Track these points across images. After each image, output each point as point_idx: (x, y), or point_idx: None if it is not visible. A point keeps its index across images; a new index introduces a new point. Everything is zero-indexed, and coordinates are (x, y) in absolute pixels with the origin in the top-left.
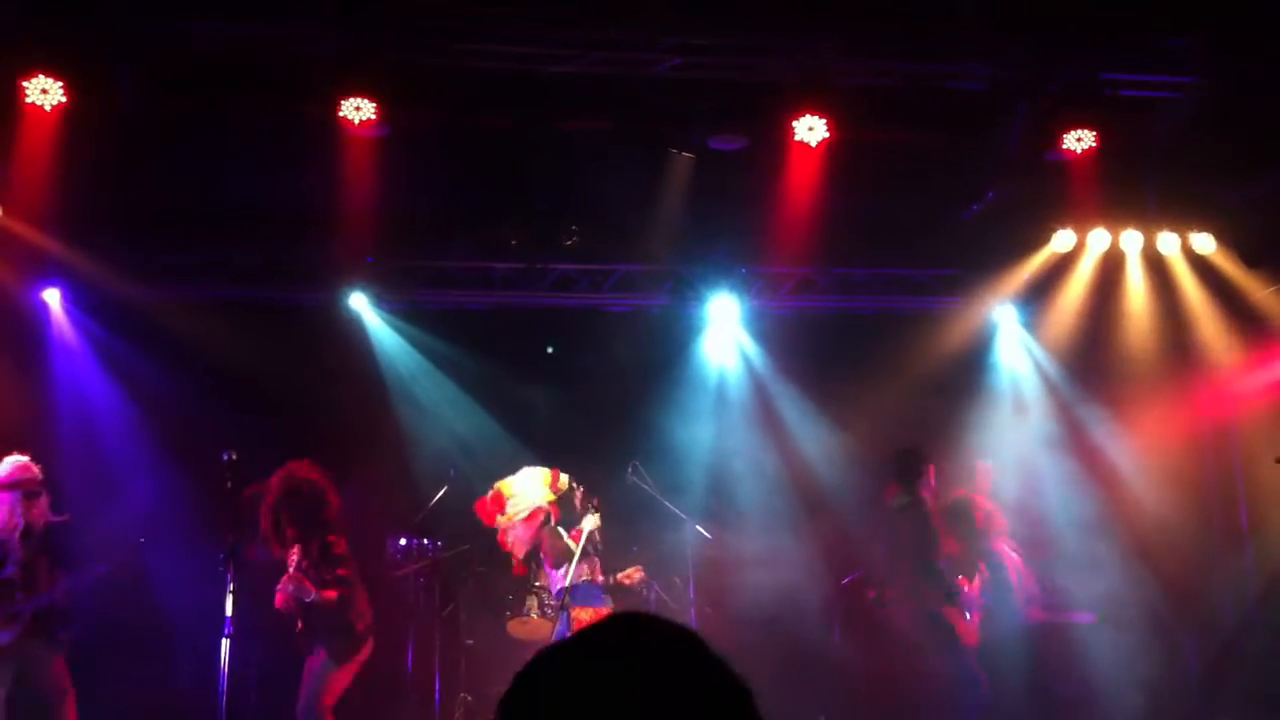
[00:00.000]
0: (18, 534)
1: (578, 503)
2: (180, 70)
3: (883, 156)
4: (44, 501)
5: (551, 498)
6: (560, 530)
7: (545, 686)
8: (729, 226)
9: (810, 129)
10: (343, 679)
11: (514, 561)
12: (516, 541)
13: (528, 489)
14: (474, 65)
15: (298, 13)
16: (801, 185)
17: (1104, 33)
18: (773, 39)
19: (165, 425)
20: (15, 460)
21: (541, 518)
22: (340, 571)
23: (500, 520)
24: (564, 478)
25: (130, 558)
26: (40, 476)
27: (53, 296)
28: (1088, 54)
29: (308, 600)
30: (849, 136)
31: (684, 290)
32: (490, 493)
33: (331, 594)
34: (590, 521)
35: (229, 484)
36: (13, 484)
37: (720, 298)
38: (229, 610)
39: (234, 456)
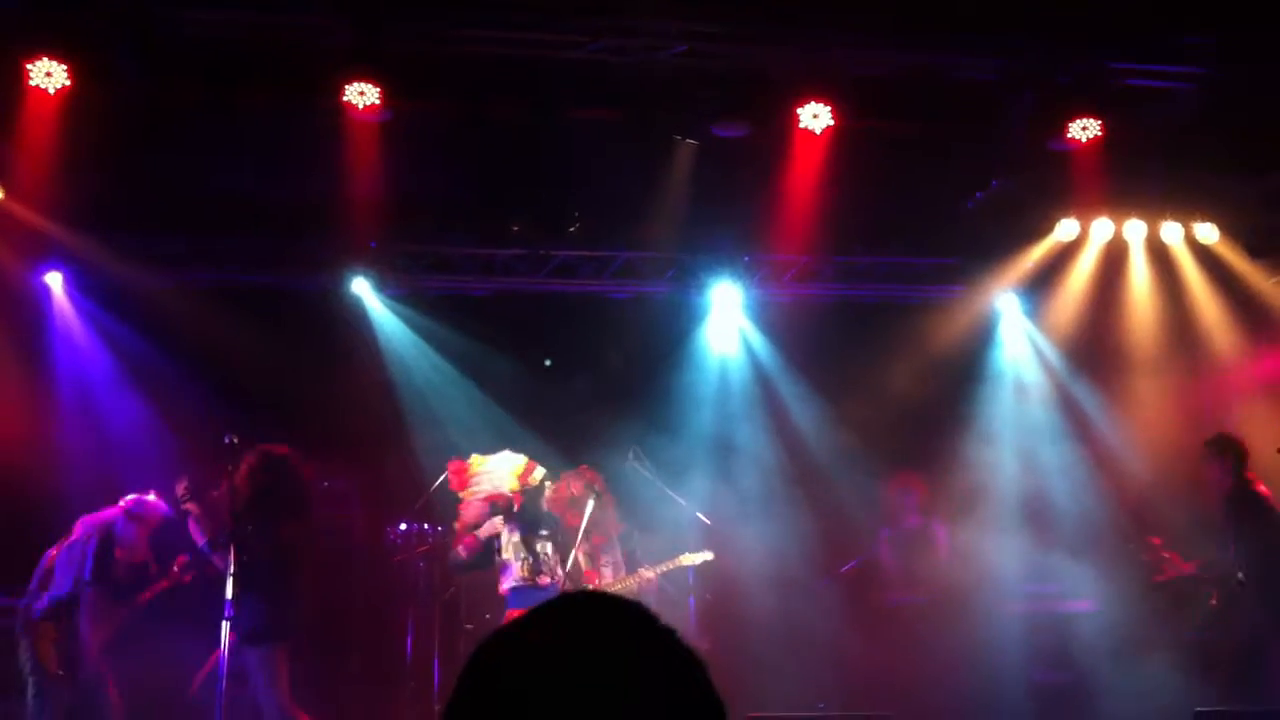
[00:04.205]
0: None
1: (545, 503)
2: (184, 55)
3: (887, 145)
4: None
5: (516, 487)
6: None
7: (507, 670)
8: (732, 213)
9: (815, 117)
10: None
11: (454, 528)
12: (466, 516)
13: (496, 472)
14: (478, 52)
15: None
16: (805, 173)
17: (1113, 23)
18: (778, 27)
19: (166, 409)
20: (157, 503)
21: (500, 503)
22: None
23: (463, 493)
24: (539, 473)
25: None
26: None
27: (54, 280)
28: (1096, 44)
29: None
30: (853, 125)
31: (686, 277)
32: (465, 461)
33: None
34: (590, 505)
35: (229, 466)
36: (157, 523)
37: (722, 285)
38: (229, 593)
39: (235, 440)
